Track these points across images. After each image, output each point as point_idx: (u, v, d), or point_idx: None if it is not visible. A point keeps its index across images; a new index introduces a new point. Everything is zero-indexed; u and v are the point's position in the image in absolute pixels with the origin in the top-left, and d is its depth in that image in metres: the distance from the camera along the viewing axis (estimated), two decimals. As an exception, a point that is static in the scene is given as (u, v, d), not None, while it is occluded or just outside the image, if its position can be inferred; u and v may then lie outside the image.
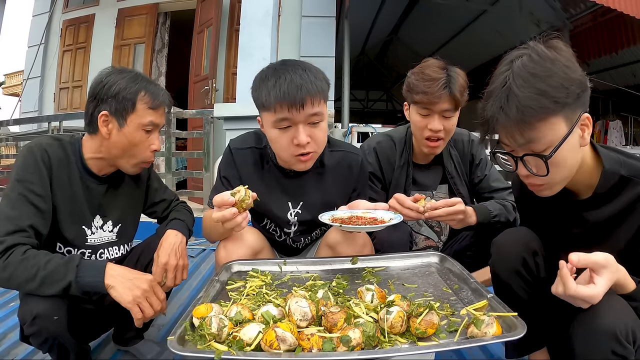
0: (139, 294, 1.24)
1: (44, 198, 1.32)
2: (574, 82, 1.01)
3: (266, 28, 4.20)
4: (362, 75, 14.31)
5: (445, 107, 1.68)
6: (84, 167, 1.45)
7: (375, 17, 8.55)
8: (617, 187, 1.11)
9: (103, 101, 1.39)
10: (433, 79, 1.66)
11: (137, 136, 1.41)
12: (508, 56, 1.07)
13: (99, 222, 1.50)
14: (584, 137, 1.06)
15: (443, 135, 1.73)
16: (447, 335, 0.98)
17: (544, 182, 1.09)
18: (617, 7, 4.75)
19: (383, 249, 1.64)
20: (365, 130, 4.85)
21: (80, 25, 7.29)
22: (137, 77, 1.43)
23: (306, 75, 1.40)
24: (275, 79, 1.40)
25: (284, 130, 1.42)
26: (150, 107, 1.41)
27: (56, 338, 1.27)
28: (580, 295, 0.94)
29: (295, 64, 1.46)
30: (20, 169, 1.33)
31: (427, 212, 1.53)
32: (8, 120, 6.33)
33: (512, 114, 1.00)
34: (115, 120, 1.39)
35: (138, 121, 1.40)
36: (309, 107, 1.39)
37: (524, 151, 1.06)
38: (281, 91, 1.36)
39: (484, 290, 1.14)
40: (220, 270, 1.38)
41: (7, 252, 1.21)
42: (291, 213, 1.65)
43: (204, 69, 5.98)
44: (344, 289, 1.24)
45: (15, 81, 14.71)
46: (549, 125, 1.01)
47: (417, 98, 1.70)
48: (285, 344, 0.89)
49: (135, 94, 1.39)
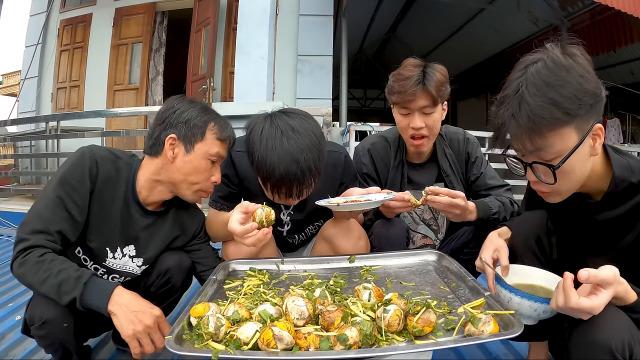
0: (141, 329, 1.17)
1: (80, 209, 1.31)
2: (587, 93, 0.99)
3: (264, 27, 4.20)
4: (359, 74, 14.29)
5: (422, 103, 1.67)
6: (133, 192, 1.43)
7: (373, 16, 8.54)
8: (626, 193, 1.10)
9: (172, 125, 1.40)
10: (407, 77, 1.66)
11: (202, 164, 1.42)
12: (524, 60, 1.06)
13: (131, 252, 1.47)
14: (595, 147, 1.05)
15: (426, 133, 1.72)
16: (444, 333, 0.99)
17: (551, 190, 1.09)
18: (615, 5, 4.75)
19: (380, 244, 1.65)
20: (363, 129, 4.84)
21: (78, 24, 7.27)
22: (207, 108, 1.46)
23: (307, 177, 1.39)
24: (274, 184, 1.41)
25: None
26: (218, 139, 1.43)
27: (62, 343, 1.26)
28: (583, 308, 0.92)
29: (295, 143, 1.39)
30: (67, 171, 1.31)
31: (429, 194, 1.54)
32: (5, 121, 6.31)
33: (523, 122, 0.99)
34: (183, 145, 1.39)
35: (205, 149, 1.41)
36: (303, 195, 1.46)
37: (533, 158, 1.06)
38: (279, 192, 1.42)
39: (481, 289, 1.15)
40: (218, 269, 1.39)
41: (27, 250, 1.21)
42: (284, 213, 1.71)
43: (201, 68, 5.97)
44: (341, 287, 1.25)
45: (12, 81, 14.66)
46: (559, 136, 1.00)
47: (394, 99, 1.72)
48: (283, 343, 0.89)
49: (206, 123, 1.41)
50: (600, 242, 1.17)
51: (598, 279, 0.92)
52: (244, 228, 1.30)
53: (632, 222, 1.10)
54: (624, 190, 1.10)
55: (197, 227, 1.61)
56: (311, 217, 1.73)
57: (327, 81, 5.61)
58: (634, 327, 0.96)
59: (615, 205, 1.12)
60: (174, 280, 1.49)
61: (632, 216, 1.10)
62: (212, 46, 5.76)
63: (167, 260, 1.51)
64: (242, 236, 1.32)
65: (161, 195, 1.46)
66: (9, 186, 5.73)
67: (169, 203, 1.52)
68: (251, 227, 1.30)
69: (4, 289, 2.48)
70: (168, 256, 1.52)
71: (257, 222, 1.31)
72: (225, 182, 1.65)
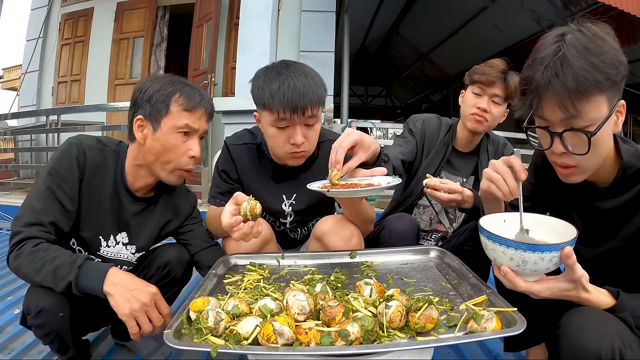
0: (137, 307, 1.15)
1: (71, 198, 1.30)
2: (622, 64, 1.00)
3: (266, 22, 4.18)
4: (361, 71, 14.29)
5: (496, 92, 1.85)
6: (122, 180, 1.42)
7: (375, 12, 8.54)
8: (632, 179, 1.10)
9: (139, 106, 1.36)
10: (494, 65, 1.86)
11: (171, 140, 1.35)
12: (554, 31, 1.05)
13: (124, 239, 1.46)
14: (618, 124, 1.06)
15: (488, 118, 1.87)
16: (446, 330, 0.98)
17: (577, 164, 1.06)
18: (617, 5, 4.74)
19: (391, 240, 1.66)
20: (364, 126, 4.84)
21: (79, 18, 7.26)
22: (173, 80, 1.39)
23: (308, 82, 1.46)
24: (278, 84, 1.44)
25: (281, 130, 1.49)
26: (185, 110, 1.36)
27: (58, 333, 1.26)
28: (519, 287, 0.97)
29: (297, 68, 1.50)
30: (56, 162, 1.30)
31: (429, 189, 1.68)
32: (6, 114, 6.31)
33: (569, 82, 0.97)
34: (150, 124, 1.35)
35: (172, 124, 1.35)
36: (309, 112, 1.45)
37: (564, 127, 1.02)
38: (285, 98, 1.42)
39: (483, 286, 1.14)
40: (218, 264, 1.38)
41: (21, 242, 1.21)
42: (285, 204, 1.70)
43: (203, 63, 5.96)
44: (343, 283, 1.24)
45: (13, 75, 14.67)
46: (595, 103, 0.99)
47: (475, 77, 1.89)
48: (283, 338, 0.88)
49: (169, 96, 1.35)
50: (602, 231, 1.16)
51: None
52: (230, 222, 1.29)
53: (636, 208, 1.09)
54: (631, 176, 1.09)
55: (189, 208, 1.60)
56: (314, 209, 1.72)
57: (329, 78, 5.60)
58: (624, 329, 0.94)
59: (621, 192, 1.11)
60: (174, 272, 1.48)
61: (637, 202, 1.09)
62: (213, 41, 5.75)
63: (167, 253, 1.50)
64: (230, 230, 1.30)
65: (145, 180, 1.44)
66: (9, 180, 5.72)
67: (159, 188, 1.51)
68: (236, 220, 1.28)
69: (2, 283, 2.48)
70: (168, 249, 1.52)
71: (242, 215, 1.29)
72: (224, 178, 1.66)
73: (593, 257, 1.16)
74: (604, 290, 1.01)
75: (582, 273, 0.95)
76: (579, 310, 0.98)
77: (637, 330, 0.95)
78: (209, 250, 1.56)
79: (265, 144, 1.64)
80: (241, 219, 1.29)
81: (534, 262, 0.93)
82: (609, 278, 1.07)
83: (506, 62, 1.88)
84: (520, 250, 0.93)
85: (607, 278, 1.06)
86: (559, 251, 0.92)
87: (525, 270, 0.96)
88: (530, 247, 0.92)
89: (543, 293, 0.98)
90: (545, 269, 0.95)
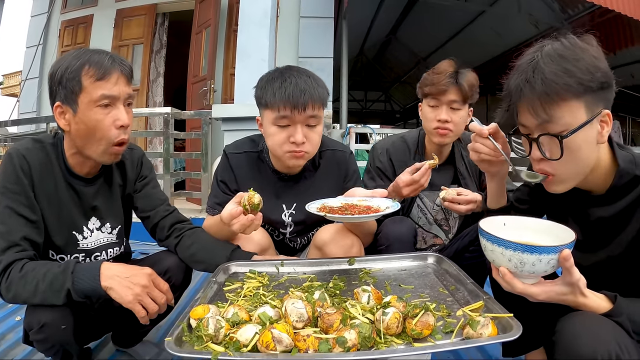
0: (139, 291, 1.18)
1: (31, 208, 1.28)
2: (600, 70, 1.01)
3: (264, 29, 4.21)
4: (360, 76, 14.32)
5: (452, 98, 1.77)
6: (67, 169, 1.38)
7: (373, 18, 8.56)
8: (628, 186, 1.10)
9: (55, 93, 1.29)
10: (441, 71, 1.78)
11: (92, 116, 1.27)
12: (539, 44, 1.08)
13: (96, 224, 1.46)
14: (602, 134, 1.05)
15: (452, 127, 1.79)
16: (443, 336, 0.99)
17: (554, 172, 1.08)
18: (615, 8, 4.76)
19: (388, 244, 1.66)
20: (363, 131, 4.85)
21: (79, 25, 7.28)
22: (79, 53, 1.28)
23: (310, 81, 1.50)
24: (281, 81, 1.49)
25: (282, 128, 1.51)
26: (97, 79, 1.26)
27: (62, 345, 1.26)
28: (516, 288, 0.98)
29: (300, 70, 1.55)
30: (2, 179, 1.27)
31: (447, 202, 1.69)
32: (6, 121, 6.31)
33: (537, 86, 1.00)
34: (69, 107, 1.28)
35: (88, 99, 1.26)
36: (310, 110, 1.48)
37: (540, 131, 1.05)
38: (286, 93, 1.46)
39: (480, 291, 1.15)
40: (218, 271, 1.39)
41: (6, 271, 1.19)
42: (285, 214, 1.70)
43: (202, 69, 5.98)
44: (341, 290, 1.25)
45: (13, 82, 14.71)
46: (569, 108, 1.01)
47: (426, 90, 1.81)
48: (282, 345, 0.90)
49: (79, 70, 1.25)
50: (599, 239, 1.16)
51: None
52: (229, 212, 1.31)
53: (631, 215, 1.10)
54: (627, 184, 1.10)
55: (136, 165, 1.56)
56: (314, 219, 1.72)
57: (328, 83, 5.58)
58: (621, 333, 0.95)
59: (617, 199, 1.12)
60: (174, 279, 1.49)
61: (632, 209, 1.10)
62: (212, 48, 5.77)
63: (166, 260, 1.51)
64: (229, 222, 1.32)
65: (89, 164, 1.40)
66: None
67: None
68: (237, 211, 1.30)
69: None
70: (166, 256, 1.53)
71: (242, 206, 1.31)
72: (222, 189, 1.66)
73: (590, 265, 1.16)
74: (601, 294, 1.02)
75: (580, 277, 0.96)
76: (574, 315, 0.99)
77: (635, 335, 0.96)
78: (170, 217, 1.57)
79: (267, 151, 1.64)
80: (242, 209, 1.31)
81: (532, 263, 0.94)
82: (606, 286, 1.07)
83: (454, 62, 1.81)
84: (518, 251, 0.94)
85: (604, 286, 1.06)
86: (557, 253, 0.93)
87: (523, 272, 0.97)
88: (529, 248, 0.94)
89: (540, 296, 0.99)
90: (543, 271, 0.96)
